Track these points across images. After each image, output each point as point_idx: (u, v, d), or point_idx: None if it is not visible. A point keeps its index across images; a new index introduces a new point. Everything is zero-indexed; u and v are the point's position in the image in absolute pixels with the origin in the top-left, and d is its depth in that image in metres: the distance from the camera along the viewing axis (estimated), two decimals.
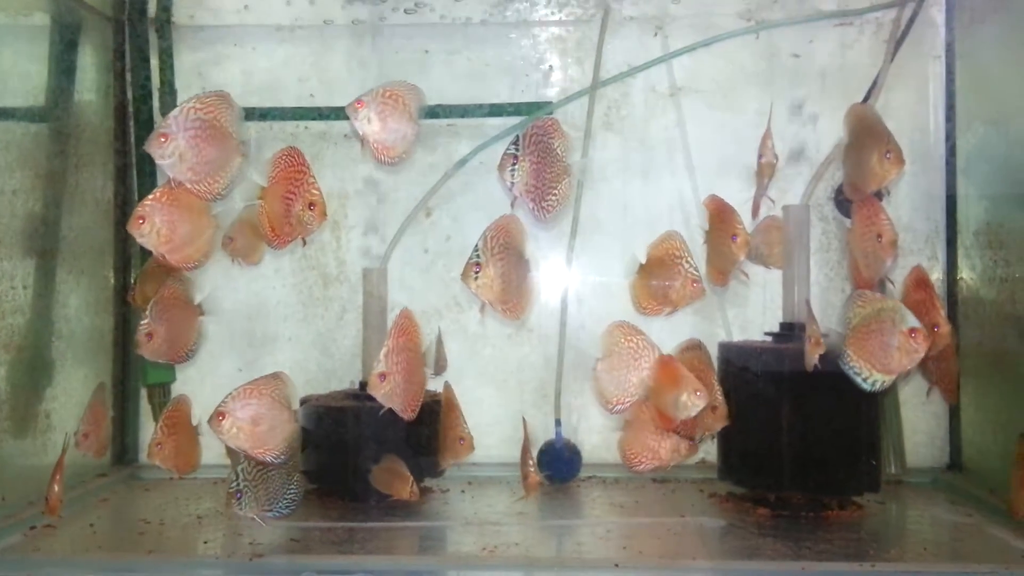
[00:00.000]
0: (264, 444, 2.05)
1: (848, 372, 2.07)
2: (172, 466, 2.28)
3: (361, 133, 2.09)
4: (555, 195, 2.15)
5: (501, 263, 2.11)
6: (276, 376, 2.13)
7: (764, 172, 2.39)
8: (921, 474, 2.83)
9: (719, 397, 2.30)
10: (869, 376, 2.06)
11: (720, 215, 2.31)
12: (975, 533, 2.31)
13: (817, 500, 2.44)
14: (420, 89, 2.14)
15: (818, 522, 2.37)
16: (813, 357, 2.12)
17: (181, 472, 2.30)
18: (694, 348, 2.41)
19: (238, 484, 2.09)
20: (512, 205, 2.14)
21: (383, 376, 2.15)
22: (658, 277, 2.27)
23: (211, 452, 2.38)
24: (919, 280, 2.32)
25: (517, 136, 2.11)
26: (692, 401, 2.12)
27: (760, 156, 2.40)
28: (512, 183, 2.10)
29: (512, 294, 2.13)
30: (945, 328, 2.23)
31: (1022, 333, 2.54)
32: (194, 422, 2.34)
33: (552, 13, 2.99)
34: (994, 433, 2.68)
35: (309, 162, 2.17)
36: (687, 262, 2.23)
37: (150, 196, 2.07)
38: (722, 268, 2.32)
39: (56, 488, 2.11)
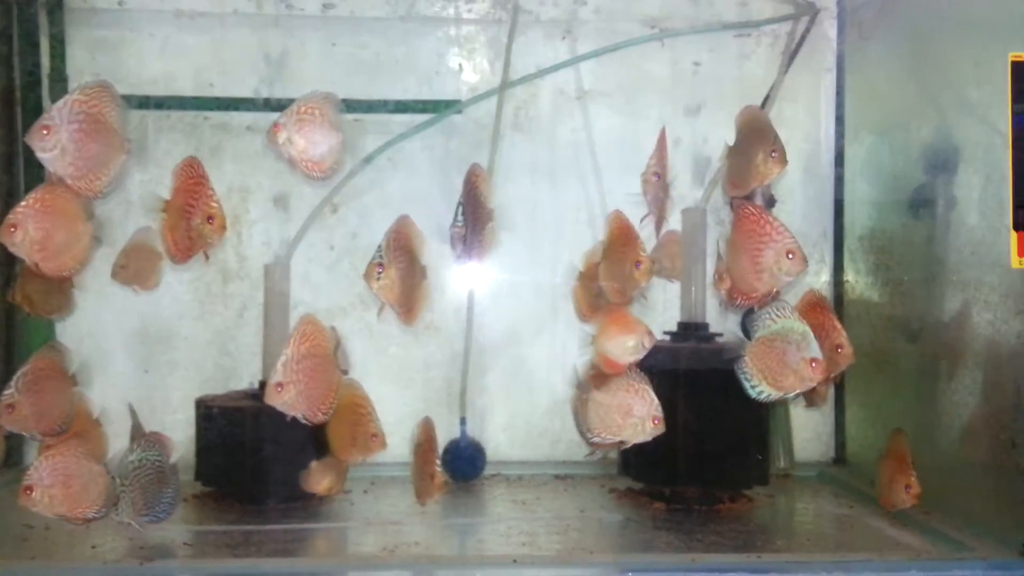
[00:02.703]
0: (81, 503, 2.00)
1: (740, 376, 2.13)
2: None
3: (287, 156, 2.05)
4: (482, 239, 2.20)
5: (402, 265, 2.11)
6: (79, 435, 2.09)
7: (645, 189, 2.38)
8: (808, 468, 2.95)
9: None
10: (758, 386, 2.12)
11: (622, 237, 2.28)
12: (855, 524, 2.43)
13: (710, 494, 2.52)
14: (334, 95, 2.10)
15: (710, 515, 2.45)
16: (720, 290, 2.16)
17: None
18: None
19: (115, 489, 2.03)
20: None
21: (280, 386, 2.11)
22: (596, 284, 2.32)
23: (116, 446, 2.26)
24: (813, 303, 2.32)
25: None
26: (645, 342, 2.13)
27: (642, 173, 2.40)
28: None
29: (409, 297, 2.14)
30: (848, 350, 2.25)
31: (904, 334, 2.68)
32: (95, 415, 2.27)
33: (462, 12, 2.99)
34: (874, 429, 2.83)
35: (207, 171, 2.12)
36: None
37: (22, 203, 1.97)
38: (622, 289, 2.29)
39: None
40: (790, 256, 2.05)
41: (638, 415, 2.14)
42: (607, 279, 2.34)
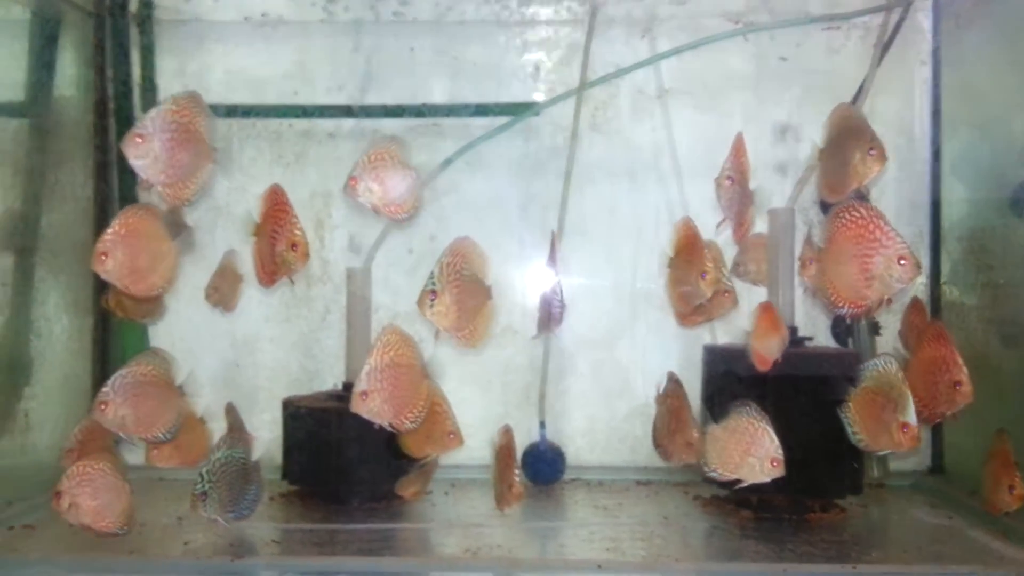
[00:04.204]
0: (105, 517, 2.04)
1: (843, 420, 2.17)
2: (177, 464, 2.28)
3: (370, 206, 2.11)
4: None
5: (457, 290, 2.09)
6: (108, 450, 2.13)
7: (719, 194, 2.33)
8: (903, 477, 2.84)
9: None
10: (858, 434, 2.16)
11: (689, 246, 2.24)
12: (955, 535, 2.32)
13: (800, 502, 2.44)
14: (399, 137, 2.17)
15: (800, 524, 2.38)
16: (804, 278, 2.12)
17: (191, 465, 2.26)
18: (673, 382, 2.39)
19: (203, 486, 2.09)
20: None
21: (365, 394, 2.13)
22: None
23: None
24: (938, 335, 2.23)
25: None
26: (787, 340, 2.25)
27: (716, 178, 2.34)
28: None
29: (469, 321, 2.12)
30: (967, 388, 2.15)
31: (1003, 337, 2.55)
32: (199, 415, 2.31)
33: (540, 14, 2.98)
34: (975, 437, 2.69)
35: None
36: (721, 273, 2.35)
37: (109, 230, 2.02)
38: (687, 298, 2.27)
39: None
40: (902, 262, 1.96)
41: (757, 455, 2.10)
42: (673, 287, 2.30)
